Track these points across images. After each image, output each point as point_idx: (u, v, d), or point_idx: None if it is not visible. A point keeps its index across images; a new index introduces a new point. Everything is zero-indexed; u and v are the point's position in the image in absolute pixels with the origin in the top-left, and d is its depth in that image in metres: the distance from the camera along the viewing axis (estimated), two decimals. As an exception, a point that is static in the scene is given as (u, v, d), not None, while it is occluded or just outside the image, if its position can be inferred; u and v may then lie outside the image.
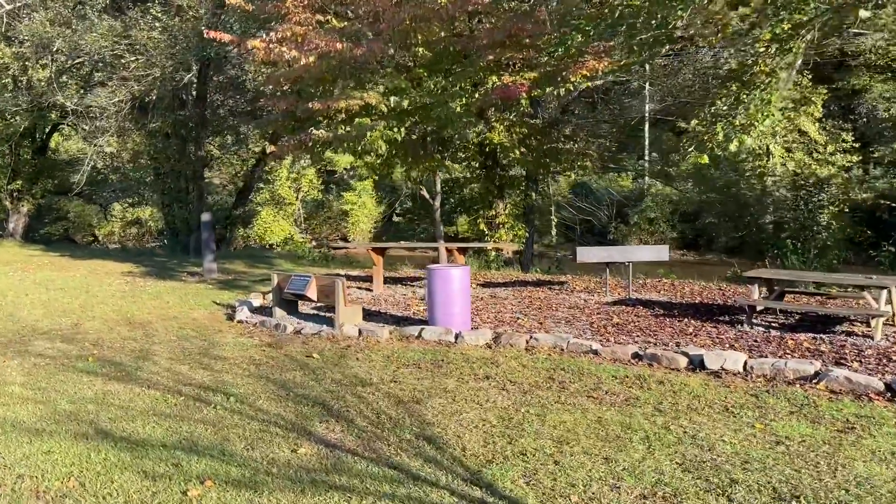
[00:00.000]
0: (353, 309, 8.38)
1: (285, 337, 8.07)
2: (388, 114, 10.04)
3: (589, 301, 9.50)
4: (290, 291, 8.78)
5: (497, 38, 9.63)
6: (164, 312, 10.01)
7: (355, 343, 7.52)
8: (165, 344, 7.86)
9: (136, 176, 26.16)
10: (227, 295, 11.34)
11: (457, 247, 10.73)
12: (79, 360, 7.14)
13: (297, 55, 9.27)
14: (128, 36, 15.16)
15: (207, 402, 5.47)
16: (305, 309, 9.62)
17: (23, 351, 7.60)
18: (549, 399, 5.32)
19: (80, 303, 11.02)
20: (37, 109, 20.58)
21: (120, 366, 6.81)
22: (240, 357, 7.11)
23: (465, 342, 7.19)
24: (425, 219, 48.97)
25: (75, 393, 5.84)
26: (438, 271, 7.64)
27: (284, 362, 6.81)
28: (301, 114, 11.00)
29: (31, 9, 15.83)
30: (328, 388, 5.82)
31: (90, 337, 8.37)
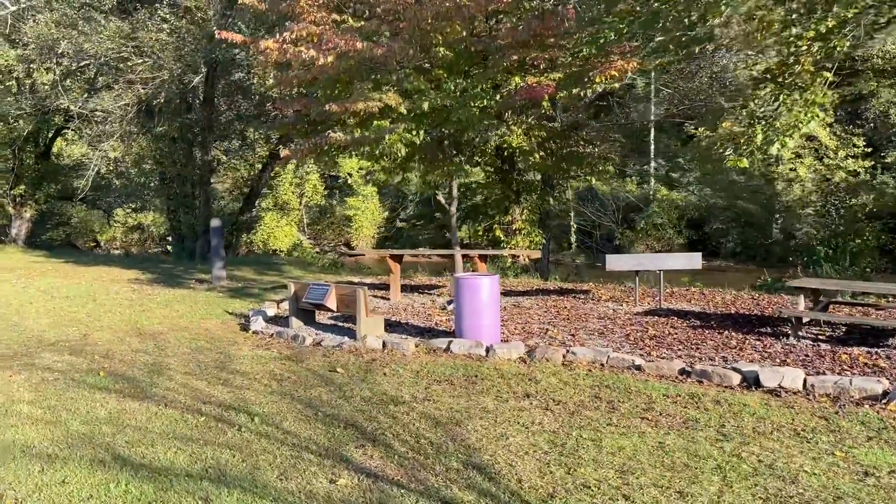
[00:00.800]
0: (375, 320, 8.00)
1: (305, 349, 7.68)
2: (407, 116, 9.67)
3: (618, 311, 9.11)
4: (309, 301, 8.40)
5: (521, 38, 9.27)
6: (174, 322, 9.63)
7: (380, 356, 7.13)
8: (179, 357, 7.48)
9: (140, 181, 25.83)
10: (238, 304, 10.96)
11: (478, 254, 10.34)
12: (89, 374, 6.75)
13: (314, 55, 8.91)
14: (134, 38, 14.82)
15: (231, 424, 5.08)
16: (322, 319, 9.25)
17: (30, 364, 7.21)
18: (599, 421, 4.93)
19: (86, 312, 10.64)
20: (40, 113, 20.25)
21: (133, 381, 6.43)
22: (259, 371, 6.72)
23: (497, 356, 6.80)
24: (429, 225, 48.75)
25: (88, 412, 5.45)
26: (466, 281, 7.26)
27: (307, 377, 6.42)
28: (315, 116, 10.64)
29: (35, 11, 15.49)
30: (358, 407, 5.43)
31: (99, 349, 7.99)
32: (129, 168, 21.36)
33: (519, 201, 13.46)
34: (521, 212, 13.51)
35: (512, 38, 9.44)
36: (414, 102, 9.56)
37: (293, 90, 11.45)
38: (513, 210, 13.48)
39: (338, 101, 9.54)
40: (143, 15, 14.34)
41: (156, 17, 14.35)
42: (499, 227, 13.57)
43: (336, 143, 9.86)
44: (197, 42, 14.60)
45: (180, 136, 17.68)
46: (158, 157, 17.94)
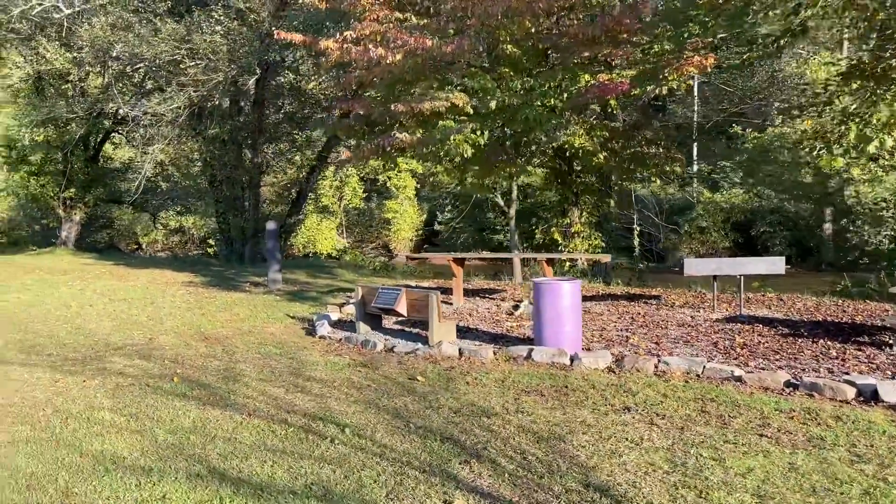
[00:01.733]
0: (448, 325, 7.75)
1: (377, 356, 7.46)
2: (474, 116, 9.42)
3: (696, 318, 8.72)
4: (378, 306, 8.18)
5: (593, 34, 8.94)
6: (238, 326, 9.50)
7: (458, 364, 6.87)
8: (250, 362, 7.32)
9: (186, 184, 26.03)
10: (298, 307, 10.81)
11: (545, 258, 10.03)
12: (163, 380, 6.62)
13: (383, 53, 8.70)
14: (188, 40, 14.82)
15: (321, 435, 4.86)
16: (388, 323, 9.03)
17: (101, 369, 7.11)
18: (714, 438, 4.60)
19: (147, 315, 10.59)
20: (92, 117, 20.46)
21: (209, 388, 6.26)
22: (335, 378, 6.51)
23: (583, 365, 6.49)
24: (468, 227, 48.46)
25: (171, 421, 5.28)
26: (548, 286, 6.96)
27: (387, 386, 6.19)
28: (377, 117, 10.46)
29: (90, 14, 15.60)
30: (449, 419, 5.18)
31: (168, 353, 7.87)
32: (177, 171, 21.48)
33: (578, 203, 13.11)
34: (580, 214, 13.16)
35: (582, 34, 9.12)
36: (480, 101, 9.30)
37: (352, 91, 11.28)
38: (571, 212, 13.13)
39: (403, 101, 9.32)
40: (197, 17, 14.31)
41: (210, 20, 14.32)
42: (557, 230, 13.23)
43: (400, 145, 9.64)
44: (250, 44, 14.54)
45: (230, 138, 17.68)
46: (209, 160, 17.95)
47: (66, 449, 4.68)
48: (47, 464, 4.43)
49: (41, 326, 9.78)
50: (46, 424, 5.24)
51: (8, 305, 11.77)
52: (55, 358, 7.70)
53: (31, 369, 7.10)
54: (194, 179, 21.90)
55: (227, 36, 14.62)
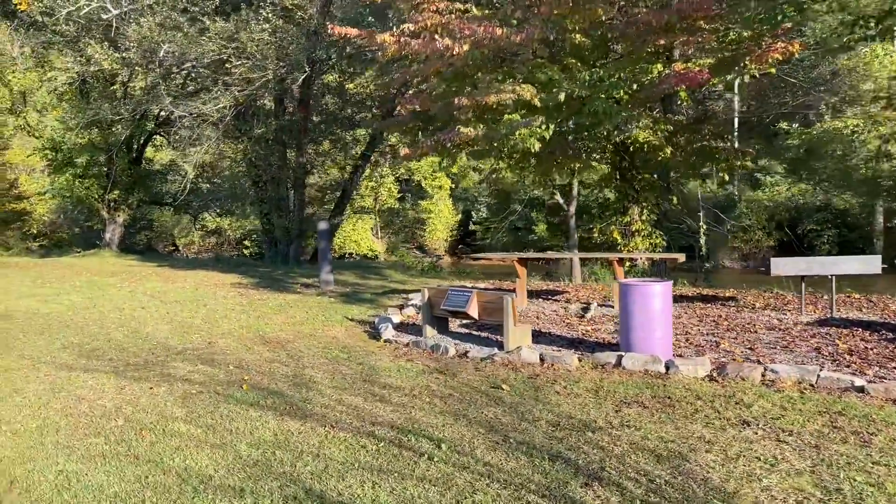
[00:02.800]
0: (523, 329, 7.33)
1: (451, 361, 7.06)
2: (541, 109, 8.98)
3: (783, 321, 8.17)
4: (447, 308, 7.79)
5: (670, 20, 8.44)
6: (297, 329, 9.19)
7: (541, 371, 6.44)
8: (318, 368, 6.97)
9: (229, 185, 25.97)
10: (355, 310, 10.47)
11: (617, 257, 9.55)
12: (231, 386, 6.30)
13: (449, 43, 8.31)
14: (235, 39, 14.60)
15: (416, 451, 4.47)
16: (453, 326, 8.63)
17: (166, 375, 6.83)
18: (859, 458, 4.11)
19: (202, 317, 10.34)
20: (136, 119, 20.45)
21: (282, 396, 5.92)
22: (412, 386, 6.13)
23: (681, 374, 6.01)
24: (502, 227, 47.94)
25: (251, 433, 4.94)
26: (637, 287, 6.50)
27: (471, 395, 5.79)
28: (436, 112, 10.08)
29: (137, 14, 15.48)
30: (550, 434, 4.76)
31: (230, 358, 7.58)
32: (219, 172, 21.37)
33: (638, 201, 12.59)
34: (641, 212, 12.63)
35: (656, 21, 8.62)
36: (548, 94, 8.86)
37: (408, 86, 10.92)
38: (631, 210, 12.61)
39: (467, 94, 8.92)
40: (245, 15, 14.09)
41: (259, 17, 14.08)
42: (616, 229, 12.72)
43: (464, 140, 9.24)
44: (297, 41, 14.28)
45: (275, 138, 17.47)
46: (254, 160, 17.77)
47: (147, 465, 4.36)
48: (129, 482, 4.11)
49: (97, 330, 9.57)
50: (120, 437, 4.94)
51: (62, 308, 11.64)
52: (117, 363, 7.44)
53: (94, 375, 6.84)
54: (236, 181, 21.77)
55: (274, 34, 14.36)
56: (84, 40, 17.50)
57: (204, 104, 16.13)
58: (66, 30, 18.34)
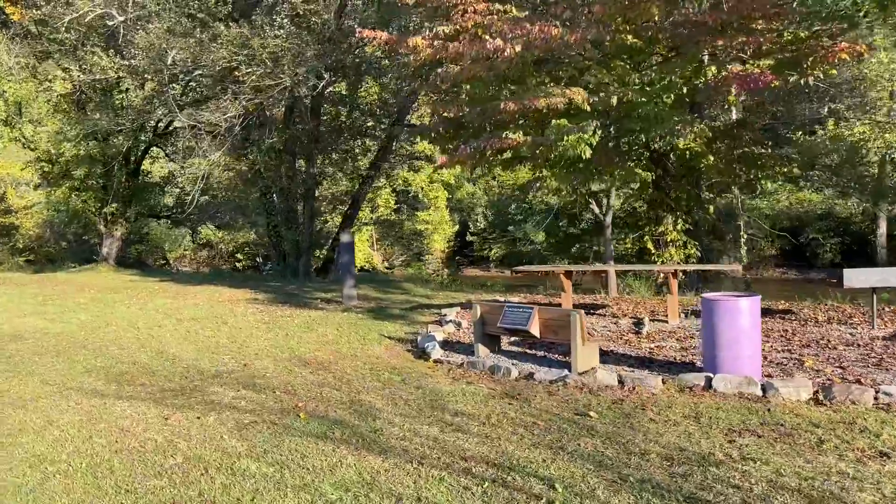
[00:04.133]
0: (591, 348, 6.83)
1: (517, 384, 6.56)
2: (590, 114, 8.54)
3: (857, 335, 7.74)
4: (505, 326, 7.28)
5: (728, 20, 8.04)
6: (334, 349, 8.65)
7: (624, 395, 5.95)
8: (374, 393, 6.44)
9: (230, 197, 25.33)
10: (389, 326, 9.93)
11: (672, 270, 9.10)
12: (286, 415, 5.75)
13: (501, 44, 7.85)
14: (247, 46, 14.08)
15: (529, 493, 3.96)
16: (503, 345, 8.12)
17: (209, 402, 6.26)
18: None
19: (226, 336, 9.76)
20: (136, 130, 19.84)
21: (348, 426, 5.38)
22: (487, 413, 5.61)
23: (781, 397, 5.54)
24: (501, 238, 47.53)
25: (331, 472, 4.41)
26: (723, 303, 6.03)
27: (557, 423, 5.28)
28: (473, 118, 9.62)
29: (144, 20, 14.94)
30: (669, 470, 4.26)
31: (273, 382, 7.02)
32: (222, 183, 20.78)
33: (673, 210, 12.17)
34: (675, 222, 12.21)
35: (712, 21, 8.21)
36: (600, 98, 8.42)
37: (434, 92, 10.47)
38: (665, 220, 12.19)
39: (514, 98, 8.46)
40: (260, 21, 13.58)
41: (273, 23, 13.58)
42: (649, 239, 12.29)
43: (507, 146, 8.77)
44: (313, 48, 13.79)
45: (285, 148, 16.93)
46: (262, 171, 17.21)
47: (230, 515, 3.81)
48: (215, 537, 3.56)
49: (118, 351, 8.97)
50: (185, 478, 4.38)
51: (72, 328, 11.01)
52: (151, 389, 6.86)
53: (131, 403, 6.26)
54: (240, 192, 21.21)
55: (288, 40, 13.87)
56: (86, 48, 16.92)
57: (212, 113, 15.58)
58: (65, 38, 17.77)
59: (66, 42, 18.30)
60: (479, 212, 48.57)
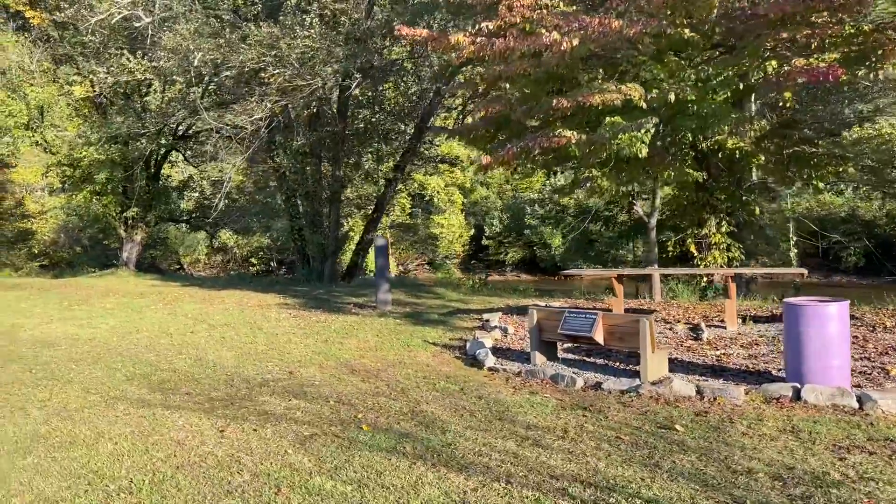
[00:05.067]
0: (661, 356, 6.49)
1: (585, 395, 6.21)
2: (646, 111, 8.20)
3: (933, 342, 7.36)
4: (566, 332, 6.94)
5: (794, 10, 7.68)
6: (379, 356, 8.32)
7: (707, 407, 5.59)
8: (434, 403, 6.11)
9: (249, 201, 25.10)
10: (431, 332, 9.59)
11: (732, 272, 8.74)
12: (347, 427, 5.43)
13: (557, 38, 7.53)
14: (275, 47, 13.82)
15: (640, 517, 3.62)
16: (558, 352, 7.78)
17: (261, 412, 5.95)
18: None
19: (264, 343, 9.46)
20: (160, 133, 19.64)
21: (417, 440, 5.06)
22: (561, 426, 5.27)
23: (880, 409, 5.17)
24: (517, 242, 47.14)
25: (414, 491, 4.08)
26: (811, 309, 5.67)
27: (642, 437, 4.94)
28: (519, 116, 9.30)
29: (171, 21, 14.72)
30: (783, 491, 3.92)
31: (323, 391, 6.71)
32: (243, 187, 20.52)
33: (716, 211, 11.81)
34: (719, 224, 11.85)
35: (774, 14, 7.85)
36: (657, 94, 8.08)
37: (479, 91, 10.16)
38: (709, 222, 11.82)
39: (567, 95, 8.13)
40: (289, 20, 13.32)
41: (303, 23, 13.31)
42: (692, 241, 11.92)
43: (557, 146, 8.43)
44: (343, 48, 13.52)
45: (311, 151, 16.66)
46: (288, 174, 16.94)
47: (317, 541, 3.49)
48: (308, 567, 3.24)
49: (154, 357, 8.69)
50: (259, 498, 4.06)
51: (103, 333, 10.75)
52: (198, 398, 6.56)
53: (181, 413, 5.96)
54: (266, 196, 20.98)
55: (318, 40, 13.60)
56: (110, 51, 16.73)
57: (237, 115, 15.33)
58: (89, 40, 17.59)
59: (90, 45, 18.11)
60: (495, 215, 48.29)
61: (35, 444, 5.15)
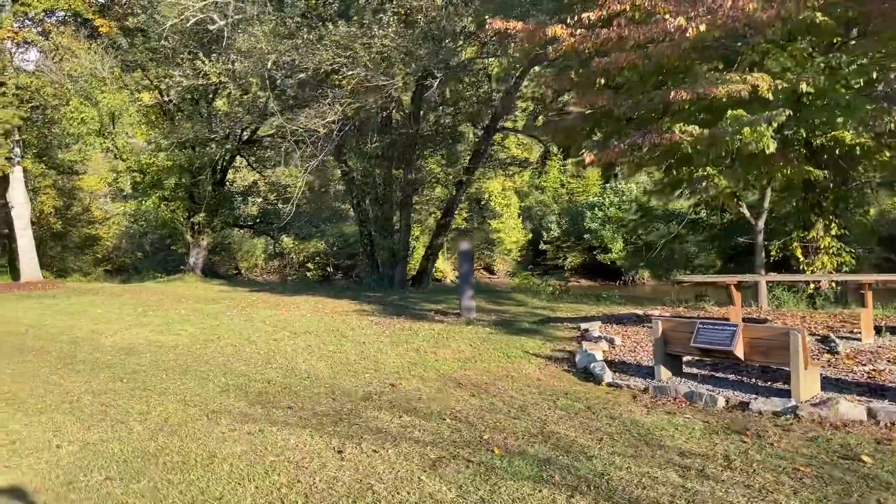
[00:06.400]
0: (813, 373, 5.80)
1: (733, 416, 5.56)
2: (772, 103, 7.50)
3: None
4: (699, 346, 6.30)
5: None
6: (481, 367, 7.81)
7: (883, 433, 4.90)
8: (562, 423, 5.55)
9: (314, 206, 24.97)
10: (529, 342, 9.02)
11: (872, 279, 7.95)
12: (477, 450, 4.92)
13: (682, 23, 6.92)
14: (349, 48, 13.48)
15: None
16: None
17: (373, 430, 5.50)
18: None
19: (353, 352, 9.04)
20: (229, 138, 19.60)
21: (561, 467, 4.51)
22: (721, 454, 4.66)
23: None
24: (576, 246, 46.13)
25: (589, 534, 3.53)
26: None
27: (826, 471, 4.29)
28: (624, 111, 8.69)
29: (246, 23, 14.55)
30: None
31: (433, 406, 6.22)
32: (312, 192, 20.30)
33: (825, 213, 10.96)
34: (828, 226, 10.99)
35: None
36: (783, 83, 7.38)
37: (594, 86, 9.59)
38: (817, 224, 10.98)
39: (686, 87, 7.49)
40: (368, 20, 12.96)
41: (381, 22, 12.94)
42: (798, 245, 11.10)
43: (669, 142, 7.79)
44: (422, 46, 13.11)
45: (382, 154, 16.31)
46: (359, 178, 16.62)
47: None
48: None
49: (244, 367, 8.35)
50: (410, 537, 3.57)
51: (185, 340, 10.52)
52: (302, 413, 6.14)
53: (290, 430, 5.54)
54: (329, 201, 20.80)
55: (395, 39, 13.21)
56: (182, 55, 16.70)
57: (309, 119, 15.06)
58: (160, 46, 17.63)
59: (161, 51, 18.17)
60: (553, 219, 47.49)
61: (146, 465, 4.79)
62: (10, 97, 20.28)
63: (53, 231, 31.32)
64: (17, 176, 21.47)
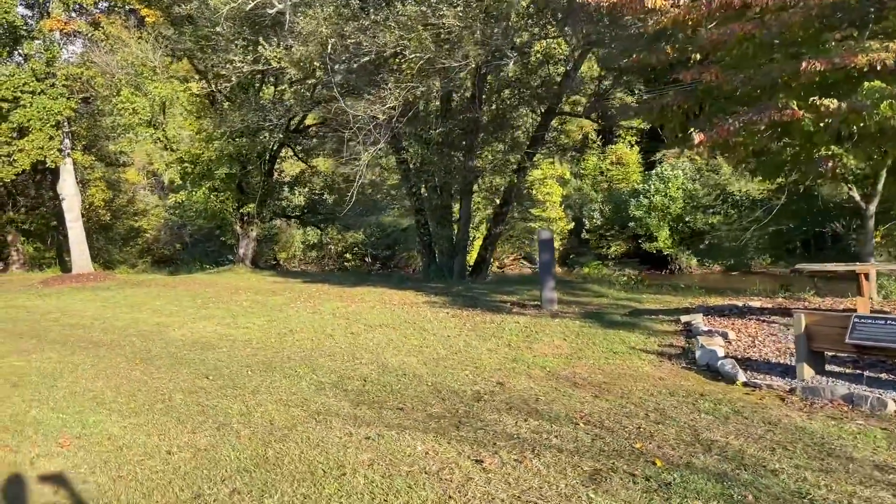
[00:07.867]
0: None
1: (912, 422, 4.92)
2: None
3: None
4: (857, 342, 5.64)
5: None
6: (590, 364, 7.23)
7: None
8: (716, 430, 4.96)
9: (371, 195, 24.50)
10: (630, 337, 8.39)
11: None
12: (634, 462, 4.36)
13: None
14: (413, 29, 12.90)
15: None
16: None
17: (505, 436, 4.97)
18: None
19: (440, 346, 8.53)
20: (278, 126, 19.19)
21: (745, 484, 3.93)
22: (928, 469, 4.02)
23: None
24: (620, 235, 45.17)
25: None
26: None
27: None
28: (739, 86, 8.00)
29: (305, 5, 14.05)
30: None
31: (556, 408, 5.67)
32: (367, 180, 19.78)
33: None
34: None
35: None
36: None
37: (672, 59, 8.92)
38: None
39: (817, 57, 6.79)
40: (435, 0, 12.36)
41: (451, 1, 12.32)
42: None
43: (789, 118, 7.10)
44: (496, 25, 12.49)
45: (443, 140, 15.73)
46: (421, 165, 16.07)
47: None
48: None
49: (330, 363, 7.89)
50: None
51: (257, 334, 10.12)
52: (415, 414, 5.64)
53: (410, 435, 5.03)
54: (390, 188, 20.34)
55: (464, 19, 12.59)
56: (237, 41, 16.28)
57: (371, 105, 14.53)
58: (213, 34, 17.24)
59: (213, 39, 17.77)
60: (595, 208, 46.52)
61: (270, 476, 4.31)
62: (61, 88, 20.14)
63: (101, 223, 31.42)
64: (68, 168, 21.38)
